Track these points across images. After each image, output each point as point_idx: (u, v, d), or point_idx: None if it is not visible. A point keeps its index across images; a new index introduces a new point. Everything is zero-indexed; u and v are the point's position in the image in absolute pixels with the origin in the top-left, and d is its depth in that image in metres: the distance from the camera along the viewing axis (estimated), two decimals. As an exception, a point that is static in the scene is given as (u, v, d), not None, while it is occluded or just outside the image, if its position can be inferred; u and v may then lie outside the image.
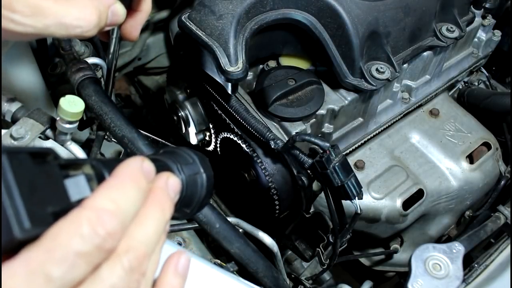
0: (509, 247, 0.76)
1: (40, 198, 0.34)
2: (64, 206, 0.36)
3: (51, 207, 0.35)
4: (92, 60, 0.93)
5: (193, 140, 1.03)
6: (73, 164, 0.38)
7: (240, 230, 0.91)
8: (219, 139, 0.97)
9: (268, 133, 0.80)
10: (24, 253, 0.32)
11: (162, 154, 0.48)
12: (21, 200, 0.32)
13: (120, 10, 0.64)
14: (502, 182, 1.10)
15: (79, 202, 0.36)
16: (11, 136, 0.72)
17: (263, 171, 0.84)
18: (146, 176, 0.40)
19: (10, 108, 0.78)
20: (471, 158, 1.07)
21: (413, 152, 1.05)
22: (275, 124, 0.86)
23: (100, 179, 0.38)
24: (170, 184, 0.43)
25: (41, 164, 0.35)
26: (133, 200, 0.38)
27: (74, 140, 0.78)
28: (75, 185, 0.37)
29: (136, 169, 0.39)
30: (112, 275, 0.35)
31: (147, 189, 0.40)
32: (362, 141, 1.01)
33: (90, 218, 0.34)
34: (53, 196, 0.36)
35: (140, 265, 0.37)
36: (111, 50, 0.79)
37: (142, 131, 0.78)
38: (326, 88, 0.90)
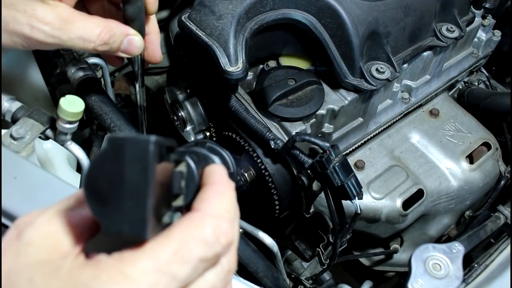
0: (509, 247, 0.76)
1: (164, 196, 0.36)
2: (181, 205, 0.38)
3: (171, 206, 0.37)
4: (92, 60, 0.93)
5: (193, 140, 1.03)
6: (178, 160, 0.40)
7: (240, 230, 0.91)
8: (219, 139, 0.97)
9: (268, 133, 0.80)
10: (151, 250, 0.34)
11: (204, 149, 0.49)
12: (152, 201, 0.33)
13: (137, 41, 0.69)
14: (502, 182, 1.10)
15: (189, 204, 0.39)
16: (11, 136, 0.72)
17: (263, 171, 0.84)
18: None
19: (10, 108, 0.78)
20: (471, 158, 1.06)
21: (413, 152, 1.05)
22: (275, 124, 0.86)
23: (193, 177, 0.40)
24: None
25: (166, 158, 0.36)
26: (235, 208, 0.41)
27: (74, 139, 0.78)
28: (179, 181, 0.39)
29: (227, 177, 0.42)
30: (216, 277, 0.38)
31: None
32: (362, 141, 1.01)
33: (213, 226, 0.37)
34: (169, 193, 0.37)
35: (235, 264, 0.41)
36: (137, 74, 0.82)
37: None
38: (326, 88, 0.90)
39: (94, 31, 0.63)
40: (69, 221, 0.37)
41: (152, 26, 0.75)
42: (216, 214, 0.38)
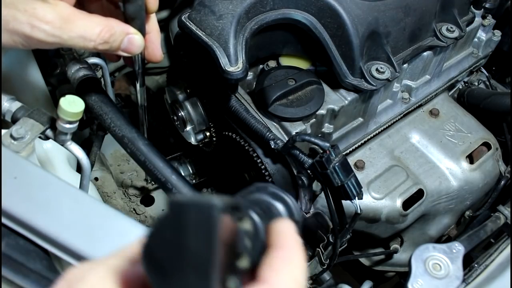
0: (509, 247, 0.76)
1: (229, 258, 0.32)
2: (247, 267, 0.35)
3: (235, 268, 0.34)
4: (92, 60, 0.93)
5: (193, 140, 1.03)
6: (241, 217, 0.37)
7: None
8: (219, 139, 0.97)
9: (268, 133, 0.80)
10: None
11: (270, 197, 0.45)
12: (218, 272, 0.30)
13: (138, 41, 0.68)
14: (502, 182, 1.10)
15: (253, 266, 0.35)
16: (11, 136, 0.71)
17: (263, 171, 0.84)
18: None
19: (10, 108, 0.78)
20: (471, 158, 1.06)
21: (413, 152, 1.05)
22: (275, 124, 0.86)
23: (258, 236, 0.37)
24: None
25: (230, 218, 0.33)
26: (305, 277, 0.37)
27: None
28: (243, 240, 0.36)
29: (297, 238, 0.39)
30: None
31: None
32: (362, 141, 1.01)
33: None
34: (234, 254, 0.34)
35: None
36: (137, 73, 0.82)
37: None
38: (326, 88, 0.90)
39: (94, 30, 0.63)
40: (123, 281, 0.34)
41: (153, 25, 0.75)
42: (284, 286, 0.35)
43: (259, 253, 0.37)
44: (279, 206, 0.42)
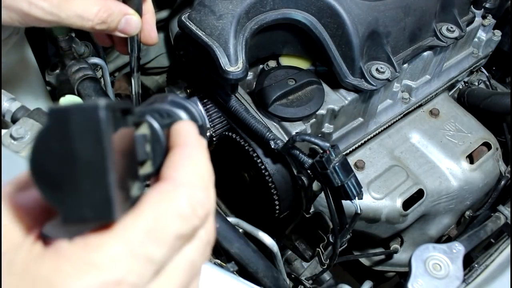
0: (509, 247, 0.76)
1: (129, 166, 0.31)
2: (151, 172, 0.34)
3: (138, 175, 0.32)
4: (92, 60, 0.93)
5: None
6: (138, 123, 0.36)
7: (240, 230, 0.91)
8: (219, 139, 0.97)
9: (268, 133, 0.80)
10: (121, 231, 0.29)
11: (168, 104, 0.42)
12: (115, 175, 0.28)
13: (135, 22, 0.68)
14: (502, 182, 1.10)
15: (157, 170, 0.34)
16: (11, 136, 0.71)
17: (263, 171, 0.84)
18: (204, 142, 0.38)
19: (10, 108, 0.78)
20: (471, 158, 1.06)
21: (413, 152, 1.05)
22: (275, 124, 0.86)
23: (158, 139, 0.36)
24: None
25: (123, 123, 0.31)
26: (210, 171, 0.36)
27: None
28: (143, 145, 0.34)
29: (197, 135, 0.38)
30: (195, 251, 0.34)
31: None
32: (362, 141, 1.01)
33: (188, 196, 0.32)
34: (134, 161, 0.32)
35: (213, 234, 0.37)
36: (132, 56, 0.81)
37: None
38: (326, 88, 0.90)
39: (92, 10, 0.62)
40: (18, 206, 0.31)
41: (148, 6, 0.74)
42: (189, 182, 0.33)
43: (162, 157, 0.36)
44: (181, 113, 0.40)
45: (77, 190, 0.28)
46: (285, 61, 0.95)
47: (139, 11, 0.69)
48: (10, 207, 0.31)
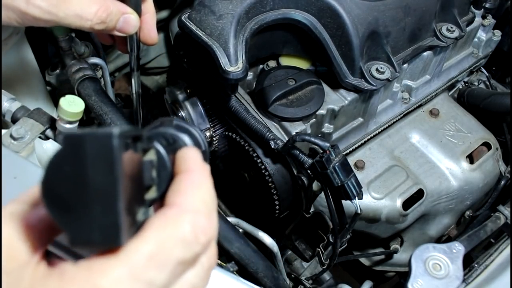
0: (509, 247, 0.76)
1: (136, 191, 0.32)
2: (155, 197, 0.35)
3: (144, 200, 0.33)
4: (92, 60, 0.93)
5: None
6: (146, 148, 0.36)
7: (240, 230, 0.91)
8: (219, 139, 0.97)
9: (268, 133, 0.80)
10: (124, 256, 0.30)
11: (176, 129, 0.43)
12: (124, 201, 0.29)
13: (133, 20, 0.67)
14: (502, 182, 1.10)
15: (163, 195, 0.35)
16: (11, 136, 0.72)
17: (263, 171, 0.84)
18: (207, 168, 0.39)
19: (10, 108, 0.78)
20: (471, 158, 1.06)
21: (413, 152, 1.05)
22: (275, 124, 0.86)
23: (164, 166, 0.37)
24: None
25: (133, 149, 0.32)
26: (213, 197, 0.37)
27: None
28: (150, 171, 0.35)
29: (201, 162, 0.38)
30: (196, 277, 0.35)
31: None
32: (362, 141, 1.01)
33: (191, 223, 0.33)
34: (141, 186, 0.33)
35: (215, 260, 0.38)
36: (132, 55, 0.81)
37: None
38: (326, 88, 0.90)
39: (91, 9, 0.61)
40: (26, 225, 0.32)
41: (148, 5, 0.73)
42: (193, 208, 0.34)
43: (167, 183, 0.36)
44: (185, 138, 0.41)
45: (87, 214, 0.29)
46: (285, 61, 0.95)
47: (137, 9, 0.69)
48: (18, 225, 0.32)
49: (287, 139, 0.82)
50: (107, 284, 0.29)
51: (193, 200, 0.35)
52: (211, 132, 0.99)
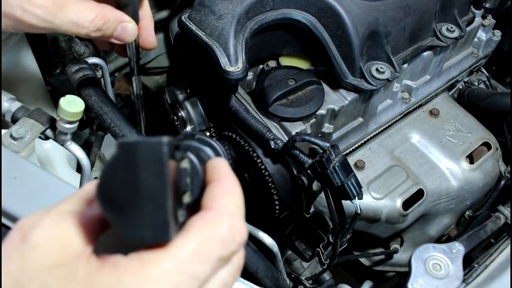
0: (509, 247, 0.76)
1: (175, 195, 0.35)
2: (189, 202, 0.38)
3: (182, 204, 0.37)
4: (92, 60, 0.93)
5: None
6: (182, 157, 0.40)
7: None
8: (219, 139, 0.97)
9: (268, 133, 0.80)
10: (172, 250, 0.34)
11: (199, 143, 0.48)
12: (171, 203, 0.33)
13: (131, 29, 0.67)
14: (502, 182, 1.10)
15: (196, 200, 0.39)
16: (11, 136, 0.72)
17: (263, 171, 0.84)
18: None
19: (10, 108, 0.78)
20: (471, 158, 1.06)
21: (413, 152, 1.05)
22: (275, 124, 0.86)
23: (197, 173, 0.40)
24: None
25: (173, 157, 0.35)
26: (243, 202, 0.41)
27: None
28: (185, 178, 0.39)
29: (231, 171, 0.42)
30: (228, 274, 0.38)
31: None
32: (362, 141, 1.01)
33: (229, 224, 0.37)
34: (179, 191, 0.37)
35: (243, 260, 0.41)
36: (132, 61, 0.81)
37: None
38: (326, 88, 0.90)
39: (88, 17, 0.61)
40: (79, 222, 0.36)
41: (146, 11, 0.73)
42: (229, 211, 0.38)
43: (199, 189, 0.40)
44: (208, 150, 0.46)
45: (139, 214, 0.32)
46: (285, 61, 0.95)
47: (135, 17, 0.69)
48: (72, 222, 0.36)
49: (287, 139, 0.82)
50: (157, 274, 0.32)
51: (228, 204, 0.38)
52: (211, 132, 0.99)
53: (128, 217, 0.32)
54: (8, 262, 0.34)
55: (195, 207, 0.40)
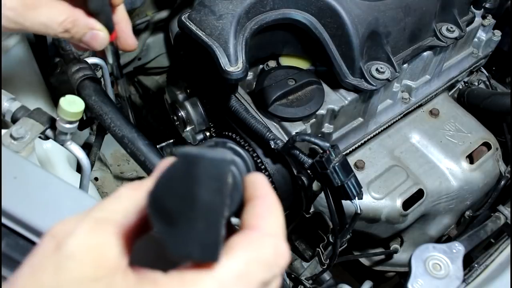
0: (509, 247, 0.76)
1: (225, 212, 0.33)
2: (228, 217, 0.36)
3: (226, 216, 0.35)
4: (92, 60, 0.93)
5: (193, 140, 1.03)
6: None
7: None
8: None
9: (268, 133, 0.80)
10: (216, 272, 0.32)
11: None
12: (223, 219, 0.31)
13: (100, 38, 0.68)
14: (502, 182, 1.10)
15: (234, 214, 0.37)
16: (11, 136, 0.71)
17: (263, 171, 0.84)
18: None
19: (10, 108, 0.78)
20: (471, 158, 1.06)
21: (413, 152, 1.05)
22: (275, 124, 0.86)
23: (238, 188, 0.38)
24: None
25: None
26: (283, 220, 0.39)
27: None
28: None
29: (271, 188, 0.40)
30: None
31: None
32: (362, 141, 1.01)
33: (273, 247, 0.35)
34: (222, 211, 0.34)
35: (280, 283, 0.39)
36: (113, 65, 0.81)
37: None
38: (326, 88, 0.90)
39: (58, 19, 0.62)
40: (113, 231, 0.34)
41: (121, 15, 0.72)
42: (273, 233, 0.36)
43: (237, 204, 0.38)
44: (237, 160, 0.43)
45: (191, 229, 0.30)
46: (285, 61, 0.95)
47: (108, 24, 0.68)
48: (108, 231, 0.34)
49: (287, 139, 0.82)
50: None
51: (272, 224, 0.37)
52: (211, 132, 0.99)
53: (178, 232, 0.31)
54: (42, 272, 0.32)
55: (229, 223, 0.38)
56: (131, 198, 0.36)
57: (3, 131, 0.73)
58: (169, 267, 0.33)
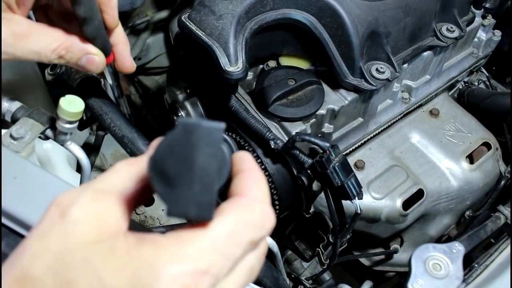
0: (509, 247, 0.76)
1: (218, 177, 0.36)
2: (223, 184, 0.40)
3: (218, 185, 0.38)
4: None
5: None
6: None
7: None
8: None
9: (268, 133, 0.80)
10: (209, 231, 0.35)
11: None
12: (217, 182, 0.35)
13: (96, 62, 0.67)
14: (502, 182, 1.10)
15: (223, 187, 0.40)
16: (11, 136, 0.72)
17: (263, 171, 0.84)
18: None
19: (10, 108, 0.78)
20: (471, 158, 1.06)
21: (413, 152, 1.05)
22: (275, 124, 0.86)
23: (227, 163, 0.41)
24: None
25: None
26: (269, 191, 0.43)
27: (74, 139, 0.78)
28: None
29: (256, 163, 0.44)
30: (255, 258, 0.40)
31: None
32: (362, 141, 1.01)
33: (260, 211, 0.39)
34: (217, 174, 0.38)
35: (266, 248, 0.43)
36: (112, 86, 0.81)
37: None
38: (326, 88, 0.90)
39: (50, 46, 0.62)
40: (112, 200, 0.37)
41: (119, 37, 0.72)
42: (260, 199, 0.40)
43: (226, 178, 0.41)
44: (228, 139, 0.47)
45: (188, 190, 0.33)
46: (285, 61, 0.95)
47: (105, 48, 0.67)
48: (108, 200, 0.37)
49: (287, 139, 0.82)
50: (194, 252, 0.34)
51: (258, 192, 0.40)
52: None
53: (176, 192, 0.33)
54: (48, 237, 0.34)
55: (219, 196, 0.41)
56: (128, 171, 0.40)
57: (3, 131, 0.73)
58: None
